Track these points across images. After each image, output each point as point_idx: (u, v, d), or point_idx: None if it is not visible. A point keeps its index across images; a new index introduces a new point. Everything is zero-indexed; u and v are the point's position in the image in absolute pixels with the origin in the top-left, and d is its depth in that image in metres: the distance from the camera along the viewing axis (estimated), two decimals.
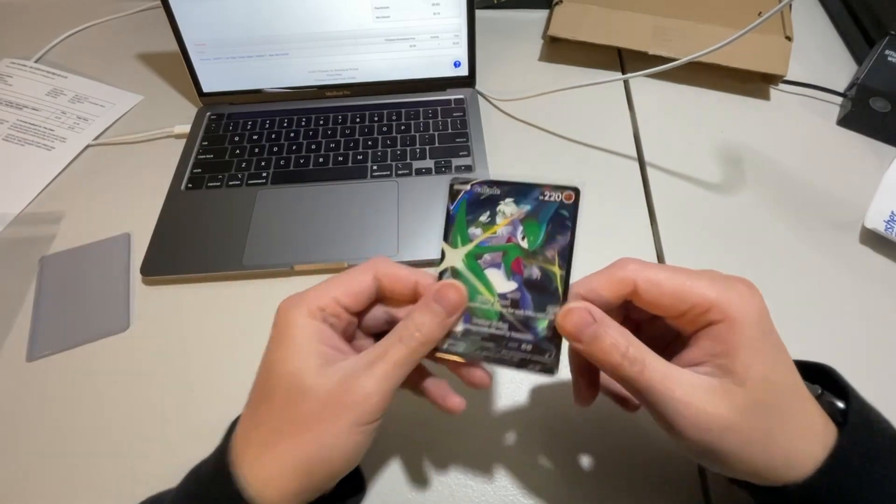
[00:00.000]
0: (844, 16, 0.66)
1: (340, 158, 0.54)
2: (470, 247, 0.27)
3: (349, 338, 0.29)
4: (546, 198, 0.26)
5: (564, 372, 0.40)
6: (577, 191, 0.26)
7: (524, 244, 0.27)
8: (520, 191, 0.27)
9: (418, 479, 0.36)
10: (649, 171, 0.53)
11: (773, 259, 0.46)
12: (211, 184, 0.52)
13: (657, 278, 0.26)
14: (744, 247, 0.47)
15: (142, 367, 0.42)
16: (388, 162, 0.53)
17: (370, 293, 0.29)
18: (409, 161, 0.53)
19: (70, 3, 0.74)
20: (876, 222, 0.45)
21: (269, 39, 0.56)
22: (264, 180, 0.52)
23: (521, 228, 0.27)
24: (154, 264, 0.47)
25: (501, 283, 0.27)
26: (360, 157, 0.54)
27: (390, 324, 0.29)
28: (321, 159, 0.54)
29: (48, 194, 0.54)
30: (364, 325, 0.30)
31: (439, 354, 0.28)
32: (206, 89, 0.59)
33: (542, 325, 0.27)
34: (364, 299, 0.29)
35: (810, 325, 0.42)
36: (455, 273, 0.27)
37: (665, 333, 0.29)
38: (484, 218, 0.27)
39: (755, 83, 0.60)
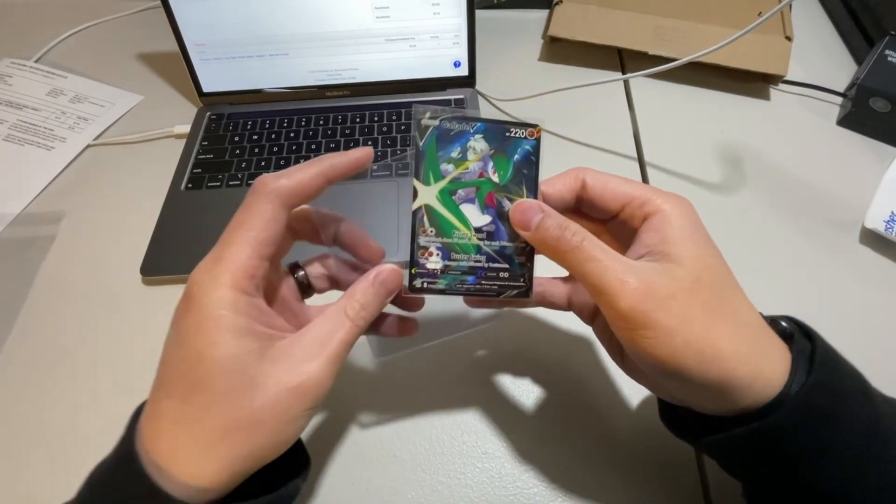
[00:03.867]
0: (844, 16, 0.66)
1: None
2: (443, 183, 0.28)
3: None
4: (513, 134, 0.27)
5: (559, 377, 0.40)
6: (538, 128, 0.28)
7: (495, 178, 0.28)
8: (488, 127, 0.27)
9: (418, 480, 0.36)
10: (649, 171, 0.53)
11: (773, 259, 0.46)
12: (211, 184, 0.52)
13: (604, 177, 0.29)
14: (744, 247, 0.47)
15: (141, 366, 0.42)
16: (388, 162, 0.53)
17: (283, 233, 0.27)
18: (409, 161, 0.53)
19: (70, 3, 0.74)
20: (876, 222, 0.45)
21: (270, 39, 0.56)
22: None
23: (491, 164, 0.28)
24: (154, 264, 0.47)
25: (477, 217, 0.28)
26: None
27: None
28: None
29: (48, 194, 0.54)
30: None
31: (415, 294, 0.28)
32: (206, 89, 0.59)
33: (515, 252, 0.28)
34: (280, 242, 0.27)
35: (810, 325, 0.42)
36: (430, 210, 0.28)
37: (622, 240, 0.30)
38: (455, 154, 0.27)
39: (755, 83, 0.60)
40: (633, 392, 0.39)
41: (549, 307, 0.32)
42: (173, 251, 0.47)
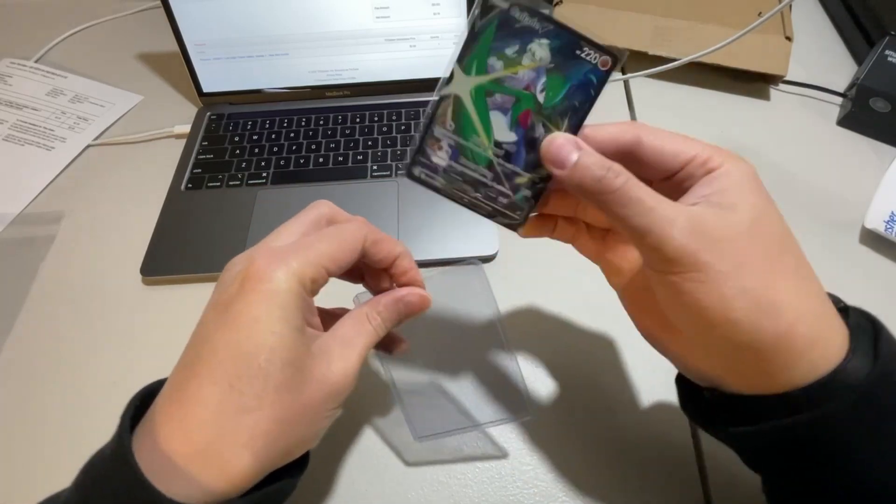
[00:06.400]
0: (844, 16, 0.66)
1: (340, 158, 0.54)
2: (483, 79, 0.24)
3: None
4: (583, 55, 0.23)
5: (560, 378, 0.40)
6: (616, 59, 0.23)
7: (540, 97, 0.24)
8: (558, 35, 0.23)
9: (418, 480, 0.36)
10: None
11: None
12: (211, 184, 0.52)
13: (662, 136, 0.25)
14: None
15: (141, 367, 0.42)
16: (388, 162, 0.53)
17: (355, 260, 0.27)
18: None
19: (70, 3, 0.74)
20: (876, 222, 0.45)
21: (269, 39, 0.56)
22: (264, 180, 0.52)
23: (543, 79, 0.24)
24: (154, 264, 0.47)
25: (502, 130, 0.25)
26: (360, 157, 0.54)
27: None
28: (321, 159, 0.54)
29: (48, 194, 0.54)
30: None
31: (410, 180, 0.27)
32: (206, 89, 0.59)
33: (525, 185, 0.26)
34: (347, 267, 0.27)
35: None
36: (458, 103, 0.25)
37: None
38: (510, 51, 0.24)
39: (755, 83, 0.60)
40: (635, 394, 0.39)
41: (581, 252, 0.31)
42: (173, 251, 0.47)
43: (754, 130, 0.56)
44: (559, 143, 0.24)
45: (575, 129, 0.25)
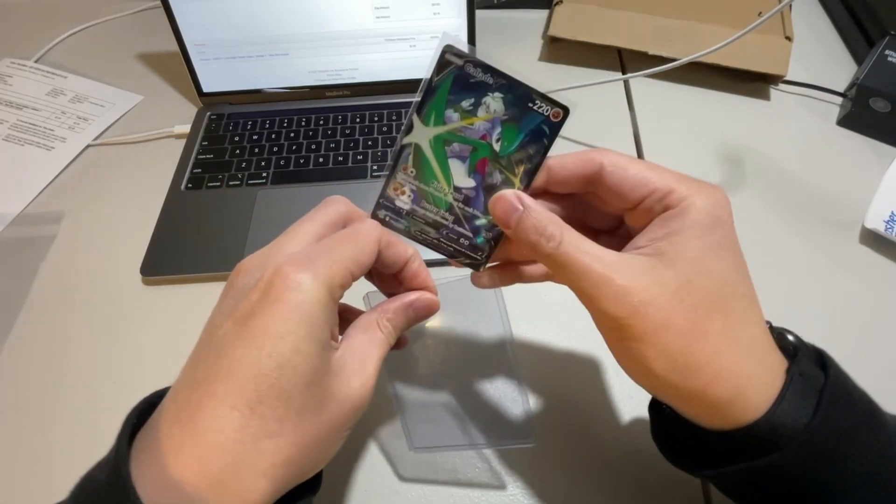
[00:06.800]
0: (844, 16, 0.66)
1: (340, 158, 0.54)
2: (442, 130, 0.26)
3: None
4: (535, 106, 0.25)
5: (563, 382, 0.40)
6: (566, 111, 0.25)
7: (496, 146, 0.25)
8: (512, 88, 0.25)
9: (419, 481, 0.36)
10: None
11: (772, 259, 0.46)
12: (211, 184, 0.52)
13: (625, 162, 0.25)
14: (743, 247, 0.46)
15: (142, 367, 0.42)
16: (389, 162, 0.53)
17: (373, 262, 0.26)
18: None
19: (70, 3, 0.74)
20: (876, 222, 0.45)
21: (270, 39, 0.56)
22: (264, 180, 0.52)
23: (499, 129, 0.25)
24: (154, 264, 0.47)
25: (461, 177, 0.26)
26: (360, 157, 0.54)
27: None
28: (321, 159, 0.54)
29: (48, 194, 0.54)
30: None
31: (378, 221, 0.28)
32: (206, 89, 0.59)
33: (484, 227, 0.27)
34: (368, 269, 0.26)
35: (810, 326, 0.42)
36: (418, 152, 0.26)
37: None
38: (466, 104, 0.25)
39: (755, 83, 0.60)
40: (637, 399, 0.39)
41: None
42: (173, 251, 0.47)
43: (754, 130, 0.56)
44: (502, 204, 0.25)
45: (530, 175, 0.26)
